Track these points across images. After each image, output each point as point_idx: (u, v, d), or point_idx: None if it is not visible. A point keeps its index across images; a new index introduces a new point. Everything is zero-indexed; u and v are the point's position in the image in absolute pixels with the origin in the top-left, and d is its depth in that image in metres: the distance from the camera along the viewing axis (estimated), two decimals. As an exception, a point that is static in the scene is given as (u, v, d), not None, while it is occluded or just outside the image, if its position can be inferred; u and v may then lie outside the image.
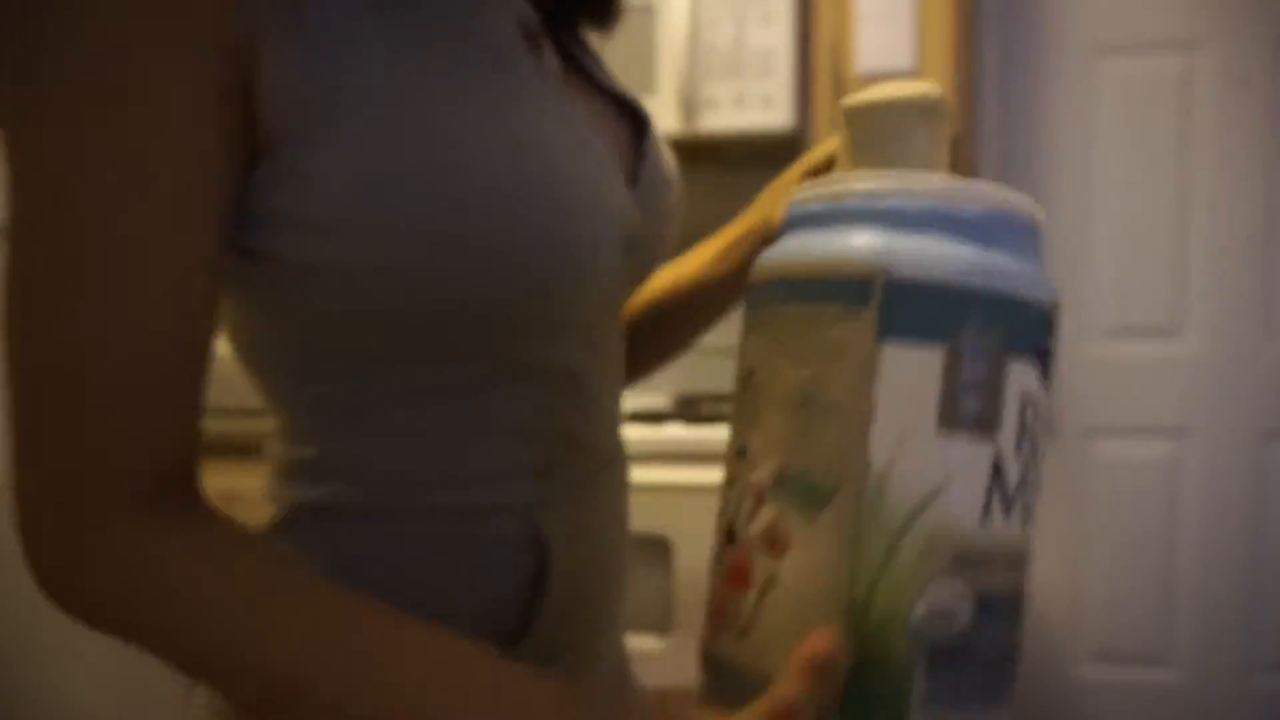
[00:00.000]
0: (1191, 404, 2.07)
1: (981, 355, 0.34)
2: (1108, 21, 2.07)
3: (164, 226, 0.37)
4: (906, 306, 0.34)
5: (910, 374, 0.34)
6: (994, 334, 0.34)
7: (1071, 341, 2.11)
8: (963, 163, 1.96)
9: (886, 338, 0.34)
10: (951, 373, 0.34)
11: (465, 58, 0.43)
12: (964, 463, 0.34)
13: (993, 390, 0.34)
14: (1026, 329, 0.35)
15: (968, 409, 0.34)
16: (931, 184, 0.36)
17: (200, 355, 0.39)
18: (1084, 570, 2.14)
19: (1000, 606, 0.36)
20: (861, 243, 0.35)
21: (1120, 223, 2.09)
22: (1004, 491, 0.35)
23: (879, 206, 0.36)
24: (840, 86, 1.80)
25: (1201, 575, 2.09)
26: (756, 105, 1.76)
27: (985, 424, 0.35)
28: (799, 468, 0.36)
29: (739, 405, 0.40)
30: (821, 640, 0.33)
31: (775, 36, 1.76)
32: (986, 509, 0.35)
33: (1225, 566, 2.08)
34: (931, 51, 1.77)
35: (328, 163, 0.39)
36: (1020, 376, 0.35)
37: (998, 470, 0.35)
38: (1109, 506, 2.12)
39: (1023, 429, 0.35)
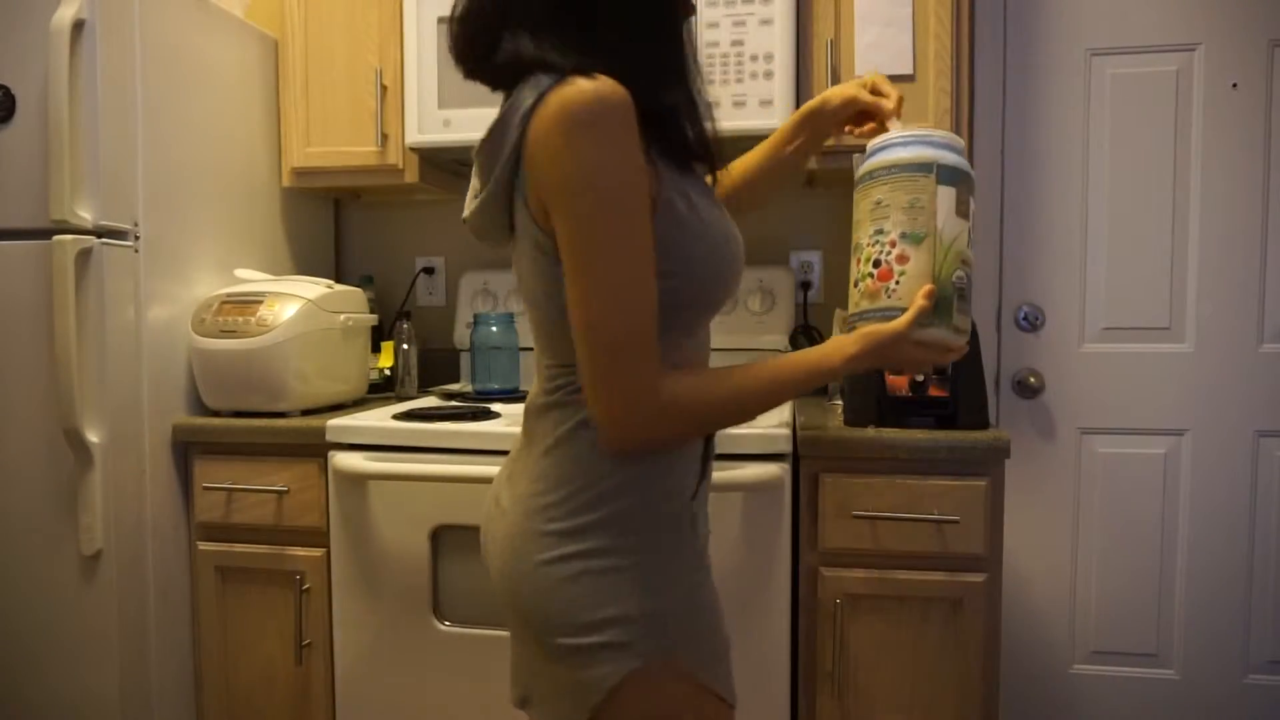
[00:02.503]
0: (1186, 404, 2.08)
1: (962, 189, 0.94)
2: (1104, 23, 2.08)
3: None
4: (944, 172, 0.93)
5: (946, 197, 0.93)
6: (962, 183, 0.94)
7: (1068, 341, 2.12)
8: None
9: (940, 184, 0.93)
10: (958, 195, 0.94)
11: (698, 188, 0.93)
12: (962, 226, 0.94)
13: (966, 203, 0.94)
14: (967, 182, 0.95)
15: (963, 208, 0.94)
16: (933, 133, 0.96)
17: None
18: (1080, 569, 2.15)
19: (973, 277, 1.06)
20: (930, 152, 0.94)
21: (1117, 225, 2.10)
22: (972, 234, 0.95)
23: (924, 138, 0.95)
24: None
25: (1196, 574, 2.11)
26: (755, 107, 1.77)
27: (964, 214, 0.94)
28: (912, 229, 0.92)
29: (874, 213, 0.95)
30: (929, 287, 0.90)
31: (774, 39, 1.76)
32: (969, 242, 0.94)
33: (1220, 565, 2.10)
34: (929, 53, 1.78)
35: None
36: (967, 197, 0.95)
37: (971, 229, 0.94)
38: (1105, 505, 2.13)
39: (966, 214, 0.94)
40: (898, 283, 0.91)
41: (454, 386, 2.22)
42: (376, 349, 2.23)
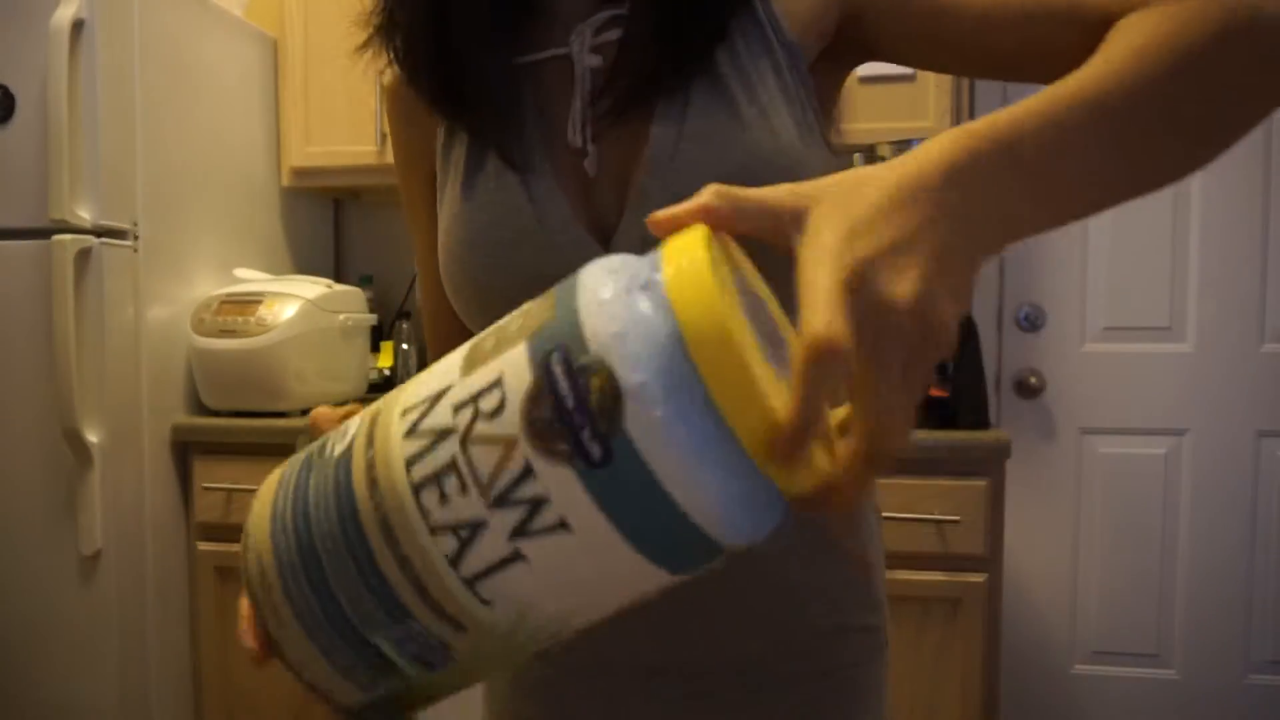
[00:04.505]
0: (1187, 404, 2.08)
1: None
2: (1105, 23, 2.08)
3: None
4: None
5: None
6: None
7: (1069, 341, 2.12)
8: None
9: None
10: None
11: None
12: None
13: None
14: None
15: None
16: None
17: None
18: (1081, 569, 2.15)
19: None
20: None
21: (1117, 224, 2.09)
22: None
23: None
24: (839, 88, 1.81)
25: (1197, 574, 2.10)
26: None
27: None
28: None
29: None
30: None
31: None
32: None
33: (1220, 565, 2.09)
34: (930, 53, 1.78)
35: None
36: None
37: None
38: (1106, 505, 2.13)
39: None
40: None
41: (453, 386, 2.21)
42: (376, 349, 2.22)
